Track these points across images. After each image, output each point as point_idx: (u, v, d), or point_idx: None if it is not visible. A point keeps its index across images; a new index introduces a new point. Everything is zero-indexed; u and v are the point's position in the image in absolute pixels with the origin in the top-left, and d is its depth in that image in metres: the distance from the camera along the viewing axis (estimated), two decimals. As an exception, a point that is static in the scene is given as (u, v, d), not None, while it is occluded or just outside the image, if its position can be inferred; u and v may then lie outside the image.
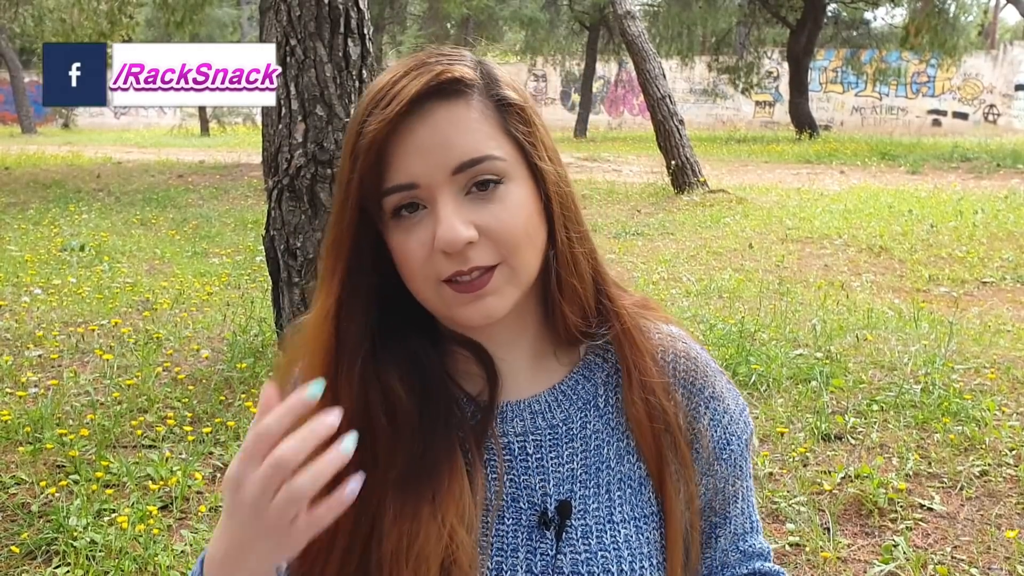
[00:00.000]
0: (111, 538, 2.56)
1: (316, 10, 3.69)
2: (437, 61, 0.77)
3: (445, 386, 0.83)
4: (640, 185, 11.57)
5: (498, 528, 0.81)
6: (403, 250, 0.76)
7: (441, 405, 0.81)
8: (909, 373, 3.92)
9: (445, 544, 0.77)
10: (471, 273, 0.75)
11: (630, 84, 24.51)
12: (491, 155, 0.75)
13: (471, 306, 0.77)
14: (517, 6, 23.46)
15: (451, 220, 0.73)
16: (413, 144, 0.74)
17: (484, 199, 0.75)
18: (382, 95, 0.75)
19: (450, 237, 0.73)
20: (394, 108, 0.73)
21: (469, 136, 0.75)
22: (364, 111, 0.76)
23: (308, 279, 3.81)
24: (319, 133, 3.73)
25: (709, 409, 0.87)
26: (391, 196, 0.75)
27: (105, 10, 13.16)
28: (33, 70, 28.03)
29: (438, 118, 0.74)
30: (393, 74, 0.76)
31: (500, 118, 0.77)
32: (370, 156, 0.74)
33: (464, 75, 0.76)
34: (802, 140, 18.43)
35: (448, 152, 0.74)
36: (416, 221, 0.75)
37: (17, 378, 3.97)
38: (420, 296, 0.78)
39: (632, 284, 5.90)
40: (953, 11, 17.83)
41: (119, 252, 7.26)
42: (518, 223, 0.76)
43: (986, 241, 7.29)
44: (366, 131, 0.74)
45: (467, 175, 0.74)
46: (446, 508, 0.78)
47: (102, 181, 12.34)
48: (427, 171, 0.74)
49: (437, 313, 0.80)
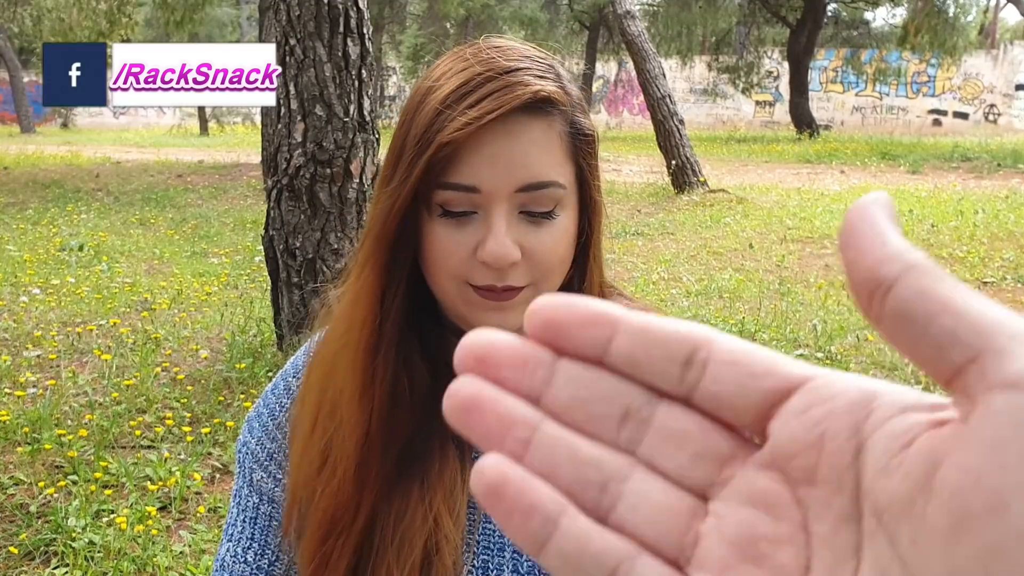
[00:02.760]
0: (110, 539, 2.55)
1: (316, 10, 3.68)
2: (528, 70, 0.75)
3: (448, 373, 0.82)
4: (640, 185, 11.56)
5: (484, 526, 0.81)
6: (441, 246, 0.75)
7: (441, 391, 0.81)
8: (910, 374, 3.92)
9: (430, 529, 0.77)
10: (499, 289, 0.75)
11: (630, 84, 24.52)
12: (556, 182, 0.75)
13: (491, 314, 0.77)
14: (517, 6, 23.48)
15: (504, 238, 0.73)
16: (490, 150, 0.72)
17: (534, 223, 0.75)
18: (471, 90, 0.72)
19: (501, 254, 0.72)
20: (486, 115, 0.71)
21: (543, 158, 0.74)
22: (444, 99, 0.73)
23: (307, 279, 3.80)
24: (319, 133, 3.72)
25: None
26: (447, 192, 0.73)
27: (104, 10, 13.15)
28: (32, 70, 28.03)
29: (520, 133, 0.73)
30: (484, 67, 0.74)
31: (572, 145, 0.77)
32: (446, 149, 0.72)
33: (558, 98, 0.75)
34: (802, 140, 18.42)
35: (520, 169, 0.73)
36: (464, 222, 0.74)
37: (15, 378, 3.96)
38: (440, 289, 0.78)
39: (632, 284, 5.89)
40: (953, 11, 17.83)
41: (118, 252, 7.26)
42: (559, 251, 0.76)
43: (987, 241, 7.28)
44: (449, 124, 0.72)
45: (529, 196, 0.74)
46: (434, 492, 0.78)
47: (101, 181, 12.33)
48: (493, 180, 0.73)
49: (451, 308, 0.80)
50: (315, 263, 3.78)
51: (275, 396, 0.90)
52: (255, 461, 0.88)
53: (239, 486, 0.91)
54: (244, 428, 0.91)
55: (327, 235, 3.77)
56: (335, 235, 3.77)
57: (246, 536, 0.89)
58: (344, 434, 0.78)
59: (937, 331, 0.20)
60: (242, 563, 0.89)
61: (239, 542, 0.89)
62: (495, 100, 0.72)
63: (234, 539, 0.90)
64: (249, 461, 0.89)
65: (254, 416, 0.91)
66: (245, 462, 0.89)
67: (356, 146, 3.77)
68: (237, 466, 0.91)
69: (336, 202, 3.76)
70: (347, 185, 3.77)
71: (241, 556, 0.89)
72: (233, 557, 0.89)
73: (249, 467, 0.89)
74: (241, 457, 0.90)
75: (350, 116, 3.75)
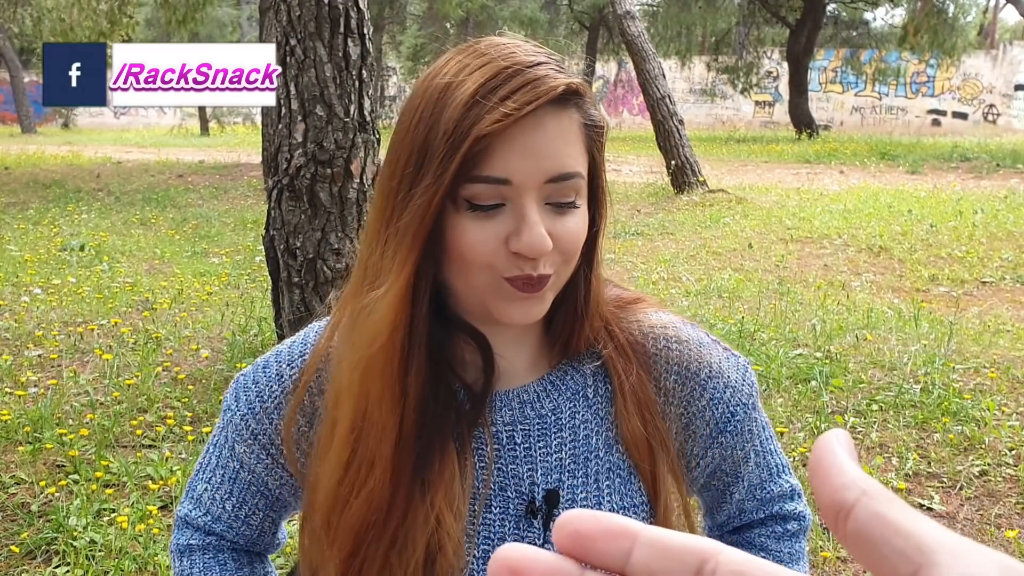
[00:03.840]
0: (111, 538, 2.56)
1: (316, 10, 3.69)
2: (547, 64, 0.75)
3: (452, 370, 0.84)
4: (640, 185, 11.57)
5: (485, 517, 0.82)
6: (471, 240, 0.75)
7: (443, 389, 0.82)
8: (909, 373, 3.92)
9: (432, 528, 0.77)
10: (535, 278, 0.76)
11: (629, 84, 24.52)
12: (579, 172, 0.76)
13: (522, 304, 0.77)
14: (516, 6, 23.47)
15: (539, 228, 0.74)
16: (521, 143, 0.73)
17: (559, 213, 0.76)
18: (501, 83, 0.72)
19: (539, 244, 0.73)
20: (523, 106, 0.72)
21: (569, 149, 0.75)
22: (475, 93, 0.72)
23: (307, 279, 3.81)
24: (319, 133, 3.73)
25: (707, 389, 0.89)
26: (477, 185, 0.73)
27: (105, 10, 13.15)
28: (33, 70, 28.02)
29: (549, 125, 0.74)
30: (508, 62, 0.74)
31: (587, 136, 0.78)
32: (482, 142, 0.72)
33: (579, 88, 0.76)
34: (802, 140, 18.43)
35: (550, 161, 0.74)
36: (492, 215, 0.75)
37: (17, 378, 3.97)
38: (468, 284, 0.78)
39: (632, 284, 5.90)
40: (952, 11, 17.83)
41: (119, 252, 7.26)
42: (579, 240, 0.78)
43: (986, 241, 7.29)
44: (486, 116, 0.71)
45: (556, 187, 0.75)
46: (435, 491, 0.78)
47: (102, 181, 12.34)
48: (524, 173, 0.73)
49: (474, 303, 0.80)
50: (316, 263, 3.79)
51: (266, 377, 0.88)
52: (237, 433, 0.88)
53: (219, 442, 0.90)
54: (232, 390, 0.90)
55: (328, 235, 3.78)
56: (335, 235, 3.78)
57: (225, 488, 0.90)
58: (377, 435, 0.78)
59: (889, 549, 0.23)
60: (219, 507, 0.90)
61: (218, 488, 0.90)
62: (529, 92, 0.72)
63: (212, 484, 0.90)
64: (232, 429, 0.89)
65: (242, 386, 0.89)
66: (228, 427, 0.89)
67: (357, 146, 3.78)
68: (220, 421, 0.91)
69: (337, 202, 3.77)
70: (347, 185, 3.77)
71: (219, 501, 0.90)
72: (211, 500, 0.90)
73: (232, 435, 0.89)
74: (226, 420, 0.90)
75: (350, 116, 3.76)
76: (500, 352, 0.85)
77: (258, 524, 0.91)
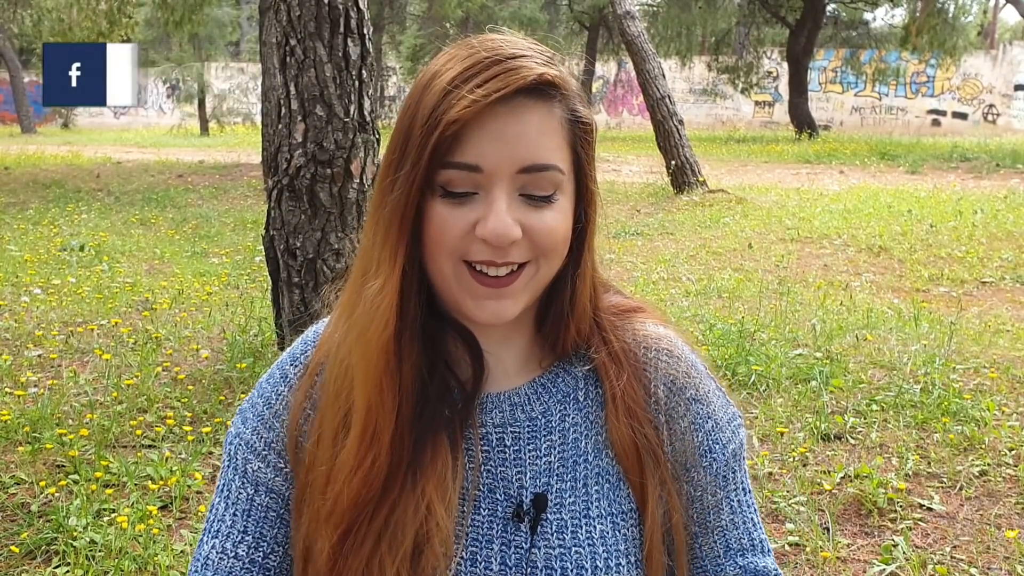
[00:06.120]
0: (111, 538, 2.55)
1: (316, 10, 3.69)
2: (531, 56, 0.76)
3: (447, 366, 0.84)
4: (640, 185, 11.57)
5: (474, 518, 0.82)
6: (441, 224, 0.76)
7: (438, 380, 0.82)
8: (909, 373, 3.92)
9: (422, 516, 0.77)
10: (501, 268, 0.76)
11: (629, 84, 24.52)
12: (556, 166, 0.77)
13: (487, 303, 0.78)
14: (516, 6, 23.48)
15: (504, 215, 0.74)
16: (495, 131, 0.74)
17: (534, 206, 0.76)
18: (476, 72, 0.74)
19: (502, 231, 0.74)
20: (492, 93, 0.73)
21: (544, 140, 0.76)
22: (451, 81, 0.74)
23: (307, 279, 3.81)
24: (319, 133, 3.73)
25: (690, 412, 0.87)
26: (450, 171, 0.75)
27: (104, 10, 13.15)
28: (32, 70, 28.03)
29: (525, 115, 0.75)
30: (489, 53, 0.76)
31: (571, 131, 0.78)
32: (452, 127, 0.73)
33: (559, 81, 0.77)
34: (801, 140, 18.43)
35: (522, 150, 0.75)
36: (464, 201, 0.75)
37: (16, 378, 3.97)
38: (438, 272, 0.78)
39: (632, 284, 5.90)
40: (952, 11, 17.83)
41: (119, 252, 7.26)
42: (560, 232, 0.78)
43: (985, 241, 7.29)
44: (456, 103, 0.73)
45: (529, 178, 0.75)
46: (426, 480, 0.78)
47: (102, 181, 12.34)
48: (496, 160, 0.74)
49: (448, 296, 0.80)
50: (315, 263, 3.79)
51: (271, 385, 0.88)
52: (251, 451, 0.87)
53: (228, 479, 0.88)
54: (236, 419, 0.90)
55: (327, 235, 3.78)
56: (335, 235, 3.78)
57: (237, 530, 0.86)
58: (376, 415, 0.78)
59: None
60: (232, 558, 0.85)
61: (228, 537, 0.86)
62: (500, 80, 0.73)
63: (221, 534, 0.86)
64: (243, 452, 0.87)
65: (248, 407, 0.89)
66: (238, 454, 0.87)
67: (356, 146, 3.78)
68: (226, 458, 0.89)
69: (336, 202, 3.77)
70: (347, 185, 3.77)
71: (231, 551, 0.85)
72: (220, 553, 0.85)
73: (243, 458, 0.87)
74: (233, 449, 0.88)
75: (350, 116, 3.76)
76: (489, 350, 0.85)
77: (276, 566, 0.86)
